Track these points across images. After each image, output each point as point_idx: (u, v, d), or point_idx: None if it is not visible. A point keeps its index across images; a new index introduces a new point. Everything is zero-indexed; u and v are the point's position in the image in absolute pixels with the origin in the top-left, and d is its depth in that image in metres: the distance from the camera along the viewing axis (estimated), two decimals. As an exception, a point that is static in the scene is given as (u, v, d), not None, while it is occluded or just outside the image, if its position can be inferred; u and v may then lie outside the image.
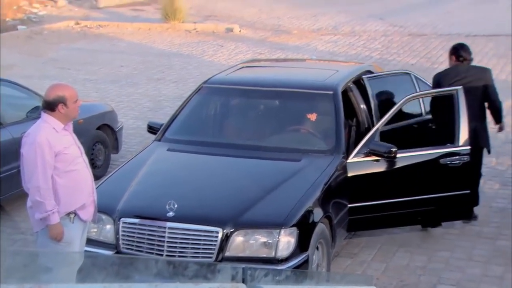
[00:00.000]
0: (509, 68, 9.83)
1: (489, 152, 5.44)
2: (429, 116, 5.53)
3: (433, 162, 4.87)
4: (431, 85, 5.59)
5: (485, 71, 5.42)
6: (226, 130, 5.30)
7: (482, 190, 5.92)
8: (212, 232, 4.06)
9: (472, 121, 5.12)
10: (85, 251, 3.91)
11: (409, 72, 5.70)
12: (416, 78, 5.64)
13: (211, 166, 4.80)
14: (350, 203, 4.79)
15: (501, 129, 5.59)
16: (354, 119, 5.42)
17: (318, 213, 4.29)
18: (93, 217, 3.86)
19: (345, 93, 5.20)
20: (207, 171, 4.73)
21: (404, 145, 4.95)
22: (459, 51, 5.41)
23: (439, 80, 5.35)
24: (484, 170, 6.45)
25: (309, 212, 4.23)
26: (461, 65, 5.38)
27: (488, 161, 6.67)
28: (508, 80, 9.28)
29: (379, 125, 4.94)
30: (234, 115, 5.41)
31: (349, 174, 4.77)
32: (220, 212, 4.17)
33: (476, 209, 5.52)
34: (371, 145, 4.77)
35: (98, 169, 6.53)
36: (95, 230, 4.25)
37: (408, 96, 4.95)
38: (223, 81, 5.48)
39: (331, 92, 5.04)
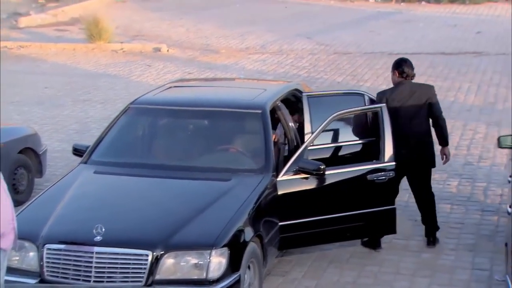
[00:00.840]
0: (430, 85, 10.23)
1: (433, 166, 5.38)
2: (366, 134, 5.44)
3: (361, 179, 4.99)
4: None
5: (429, 88, 5.43)
6: (155, 151, 5.26)
7: (407, 205, 6.13)
8: (141, 255, 4.01)
9: (419, 139, 5.22)
10: (6, 281, 3.76)
11: (362, 92, 5.59)
12: (371, 99, 5.51)
13: (139, 188, 4.75)
14: (280, 221, 4.83)
15: (445, 156, 5.40)
16: (284, 138, 5.49)
17: (249, 233, 4.30)
18: (14, 245, 3.72)
19: (273, 111, 5.27)
20: (136, 193, 4.67)
21: (336, 163, 5.05)
22: (401, 67, 5.36)
23: (381, 99, 5.32)
24: (405, 184, 6.69)
25: (240, 232, 4.23)
26: (404, 81, 5.36)
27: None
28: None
29: (307, 143, 5.03)
30: (162, 135, 5.37)
31: (279, 192, 4.81)
32: (149, 235, 4.12)
33: (403, 223, 5.68)
34: (300, 163, 4.84)
35: (21, 194, 6.33)
36: (17, 258, 4.10)
37: (334, 114, 5.05)
38: (151, 101, 5.44)
39: (259, 111, 5.08)
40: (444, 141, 5.41)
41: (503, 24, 14.60)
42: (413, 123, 5.24)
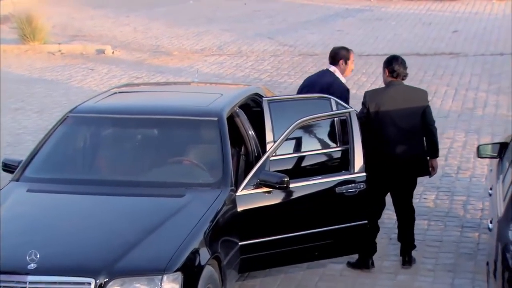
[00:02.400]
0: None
1: (428, 174, 5.49)
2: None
3: (329, 192, 5.02)
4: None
5: (424, 93, 5.46)
6: (97, 165, 5.20)
7: (381, 221, 6.19)
8: (83, 283, 3.96)
9: (412, 148, 5.27)
10: None
11: (328, 97, 5.58)
12: (337, 103, 5.49)
13: (80, 207, 4.68)
14: (241, 241, 4.83)
15: (433, 168, 5.45)
16: (243, 147, 5.49)
17: (205, 255, 4.29)
18: None
19: (231, 118, 5.27)
20: (76, 213, 4.60)
21: (303, 175, 5.07)
22: (392, 65, 5.35)
23: (370, 101, 5.33)
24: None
25: (194, 254, 4.21)
26: (395, 82, 5.39)
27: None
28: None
29: (269, 153, 5.03)
30: (106, 147, 5.32)
31: (239, 209, 4.81)
32: (92, 260, 4.08)
33: (376, 242, 5.73)
34: (261, 176, 4.84)
35: None
36: None
37: (298, 121, 5.08)
38: (92, 109, 5.38)
39: (215, 119, 5.08)
40: (435, 152, 5.47)
41: (482, 22, 15.01)
42: (405, 131, 5.29)
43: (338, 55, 5.94)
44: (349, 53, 5.96)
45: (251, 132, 5.41)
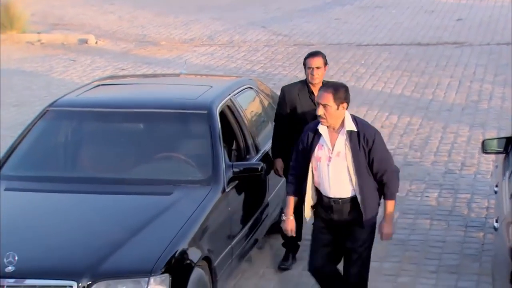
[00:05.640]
0: (405, 81, 10.44)
1: None
2: None
3: None
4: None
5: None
6: (80, 161, 5.20)
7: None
8: (64, 287, 3.96)
9: None
10: None
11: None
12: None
13: (61, 207, 4.68)
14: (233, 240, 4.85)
15: None
16: (234, 143, 5.51)
17: (194, 255, 4.30)
18: None
19: (221, 112, 5.28)
20: (57, 213, 4.61)
21: None
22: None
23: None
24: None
25: (183, 255, 4.22)
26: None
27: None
28: (405, 94, 9.86)
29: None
30: (88, 143, 5.32)
31: (230, 208, 4.82)
32: (74, 262, 4.08)
33: (376, 242, 5.74)
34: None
35: None
36: None
37: None
38: (73, 102, 5.38)
39: (204, 112, 5.09)
40: None
41: (487, 10, 15.03)
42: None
43: None
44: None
45: (246, 126, 5.42)
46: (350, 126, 4.40)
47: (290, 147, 4.94)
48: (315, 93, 5.16)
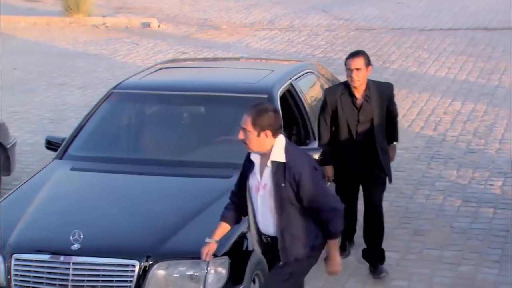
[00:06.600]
0: (469, 67, 10.22)
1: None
2: None
3: None
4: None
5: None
6: (142, 143, 5.28)
7: (442, 208, 6.12)
8: (127, 265, 4.03)
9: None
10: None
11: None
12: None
13: (124, 187, 4.77)
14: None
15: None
16: (294, 127, 5.50)
17: (253, 239, 4.32)
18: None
19: (282, 96, 5.28)
20: (120, 193, 4.69)
21: None
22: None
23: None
24: (443, 184, 6.68)
25: (242, 238, 4.24)
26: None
27: (448, 174, 6.91)
28: (469, 80, 9.66)
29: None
30: (151, 125, 5.40)
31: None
32: (136, 242, 4.14)
33: (436, 230, 5.68)
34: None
35: (-15, 195, 6.36)
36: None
37: None
38: (137, 85, 5.46)
39: (265, 96, 5.10)
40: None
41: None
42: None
43: None
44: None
45: (307, 111, 5.41)
46: (277, 156, 3.77)
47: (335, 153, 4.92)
48: (357, 96, 5.00)
